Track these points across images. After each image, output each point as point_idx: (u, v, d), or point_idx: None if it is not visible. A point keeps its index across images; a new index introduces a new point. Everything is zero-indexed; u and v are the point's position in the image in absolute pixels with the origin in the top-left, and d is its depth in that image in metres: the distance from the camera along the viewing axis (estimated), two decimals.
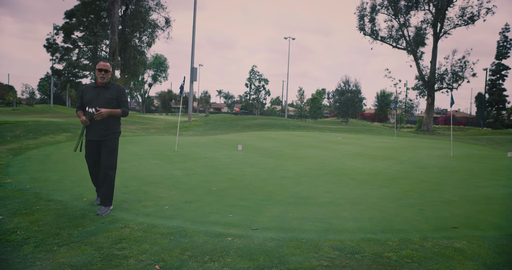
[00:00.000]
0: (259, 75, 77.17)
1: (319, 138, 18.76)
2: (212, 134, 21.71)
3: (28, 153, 9.46)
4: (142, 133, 18.49)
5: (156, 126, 30.47)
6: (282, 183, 6.78)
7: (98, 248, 3.39)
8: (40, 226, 3.95)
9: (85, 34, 27.41)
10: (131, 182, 6.39)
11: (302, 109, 73.48)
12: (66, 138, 13.07)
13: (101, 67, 4.58)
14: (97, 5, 27.80)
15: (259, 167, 8.55)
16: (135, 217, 4.37)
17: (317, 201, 5.49)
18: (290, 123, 30.95)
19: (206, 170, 7.94)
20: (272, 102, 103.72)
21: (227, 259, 3.23)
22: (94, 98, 4.55)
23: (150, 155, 9.98)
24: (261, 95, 77.54)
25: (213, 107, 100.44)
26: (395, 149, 14.08)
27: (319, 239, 3.82)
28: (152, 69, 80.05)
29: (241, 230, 4.02)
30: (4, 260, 3.10)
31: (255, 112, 77.73)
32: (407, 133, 31.17)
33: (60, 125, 16.21)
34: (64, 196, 5.26)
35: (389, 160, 10.48)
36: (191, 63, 31.53)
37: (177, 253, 3.34)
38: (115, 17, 25.80)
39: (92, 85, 4.69)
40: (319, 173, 7.94)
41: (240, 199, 5.44)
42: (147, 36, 29.20)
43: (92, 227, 3.97)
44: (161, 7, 28.87)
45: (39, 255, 3.21)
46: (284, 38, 58.28)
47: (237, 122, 30.06)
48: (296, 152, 11.99)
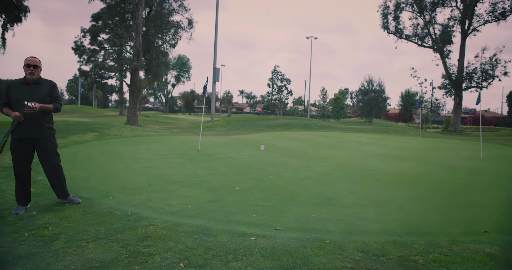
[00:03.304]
0: (281, 75, 76.98)
1: (342, 138, 18.55)
2: (234, 134, 21.82)
3: None
4: (166, 133, 18.79)
5: (179, 126, 30.90)
6: (305, 183, 6.74)
7: (124, 245, 3.46)
8: (70, 222, 4.08)
9: (111, 36, 28.07)
10: (155, 181, 6.51)
11: (325, 109, 72.82)
12: (93, 138, 13.44)
13: (29, 63, 4.24)
14: (122, 7, 28.41)
15: (281, 167, 8.53)
16: (160, 216, 4.44)
17: (341, 202, 5.43)
18: (313, 123, 30.75)
19: (229, 169, 7.99)
20: (295, 102, 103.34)
21: (251, 259, 3.24)
22: (26, 96, 4.17)
23: (174, 155, 10.13)
24: (283, 95, 77.34)
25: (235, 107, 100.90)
26: (420, 150, 13.75)
27: (343, 240, 3.77)
28: (175, 69, 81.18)
29: (264, 230, 4.02)
30: (38, 253, 3.22)
31: (277, 112, 77.60)
32: (433, 133, 30.39)
33: (87, 125, 16.68)
34: (92, 194, 5.40)
35: (414, 161, 10.24)
36: (214, 63, 31.79)
37: (201, 251, 3.37)
38: (139, 19, 26.29)
39: (20, 81, 4.32)
40: (343, 174, 7.85)
41: (263, 199, 5.45)
42: (170, 37, 29.63)
43: (118, 225, 4.06)
44: (184, 9, 29.21)
45: (69, 250, 3.31)
46: (306, 38, 57.99)
47: (259, 122, 30.10)
48: (319, 152, 11.89)
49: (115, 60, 28.28)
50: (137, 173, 7.23)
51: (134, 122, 26.44)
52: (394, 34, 36.98)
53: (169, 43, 29.76)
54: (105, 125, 17.92)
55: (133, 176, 6.90)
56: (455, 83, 33.68)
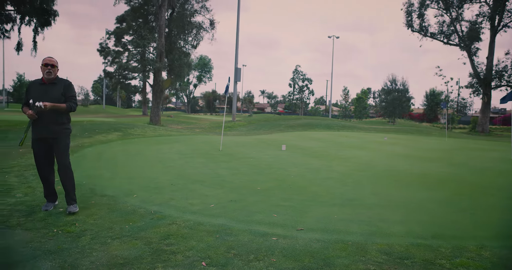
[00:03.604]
0: (303, 74, 76.57)
1: (364, 139, 18.28)
2: (255, 134, 21.86)
3: (83, 151, 10.05)
4: (188, 133, 19.01)
5: (201, 126, 31.20)
6: (327, 184, 6.68)
7: (147, 243, 3.52)
8: (95, 220, 4.18)
9: (134, 38, 28.63)
10: (178, 180, 6.59)
11: (347, 109, 71.99)
12: (117, 137, 13.74)
13: (47, 62, 4.28)
14: (145, 9, 28.94)
15: (303, 167, 8.48)
16: (182, 214, 4.49)
17: (363, 203, 5.35)
18: (335, 123, 30.45)
19: (250, 169, 8.01)
20: (316, 102, 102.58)
21: (272, 259, 3.24)
22: (41, 96, 4.22)
23: (196, 154, 10.23)
24: (305, 95, 76.90)
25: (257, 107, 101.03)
26: (445, 151, 13.39)
27: (365, 242, 3.71)
28: (197, 70, 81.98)
29: (286, 230, 4.00)
30: (66, 249, 3.33)
31: (299, 112, 77.22)
32: (460, 134, 29.54)
33: (112, 125, 17.07)
34: (116, 192, 5.52)
35: (439, 162, 9.98)
36: (235, 63, 31.94)
37: (223, 251, 3.39)
38: (162, 20, 26.71)
39: (38, 81, 4.40)
40: (365, 174, 7.74)
41: (285, 199, 5.43)
42: (192, 38, 29.96)
43: (142, 223, 4.13)
44: (206, 10, 29.48)
45: (95, 247, 3.40)
46: (328, 37, 57.49)
47: (280, 122, 30.05)
48: (341, 152, 11.76)
49: (139, 61, 28.83)
50: (160, 172, 7.34)
51: (157, 122, 26.87)
52: (419, 32, 36.12)
53: (191, 43, 30.12)
54: (129, 125, 18.30)
55: (156, 175, 7.01)
56: (483, 82, 32.57)
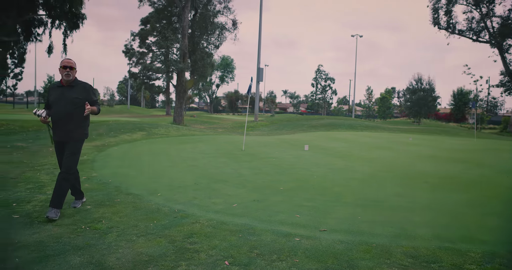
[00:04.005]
0: (325, 74, 75.88)
1: (388, 139, 17.94)
2: (278, 134, 21.82)
3: (109, 150, 10.30)
4: (211, 133, 19.18)
5: (224, 126, 31.41)
6: (350, 184, 6.60)
7: (171, 241, 3.58)
8: (121, 217, 4.28)
9: (158, 39, 29.12)
10: (201, 180, 6.66)
11: (370, 108, 70.83)
12: (142, 137, 14.01)
13: (65, 64, 4.25)
14: (169, 11, 29.38)
15: (326, 167, 8.40)
16: (205, 213, 4.54)
17: (387, 204, 5.25)
18: (358, 123, 30.03)
19: (273, 169, 8.00)
20: (339, 102, 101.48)
21: (295, 259, 3.22)
22: (59, 99, 4.26)
23: (219, 154, 10.31)
24: (327, 95, 76.21)
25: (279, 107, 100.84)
26: (474, 152, 12.97)
27: (390, 244, 3.65)
28: (220, 70, 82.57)
29: (309, 231, 3.98)
30: (93, 245, 3.42)
31: (321, 112, 76.59)
32: (489, 134, 28.53)
33: (136, 125, 17.42)
34: (141, 191, 5.63)
35: (467, 163, 9.68)
36: (258, 63, 31.99)
37: (246, 250, 3.40)
38: (185, 21, 27.05)
39: (57, 84, 4.40)
40: (389, 175, 7.59)
41: (307, 199, 5.40)
42: (215, 39, 30.19)
43: (166, 221, 4.20)
44: (229, 10, 29.64)
45: (121, 243, 3.48)
46: (351, 36, 56.74)
47: (303, 122, 29.88)
48: (365, 153, 11.58)
49: (162, 62, 29.30)
50: (183, 172, 7.44)
51: (180, 122, 27.23)
52: (446, 30, 35.07)
53: (214, 44, 30.34)
54: (153, 124, 18.62)
55: (180, 175, 7.11)
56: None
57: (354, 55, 65.32)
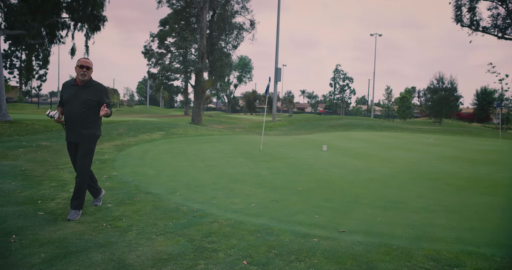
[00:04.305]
0: (344, 74, 75.19)
1: (408, 139, 17.63)
2: (296, 134, 21.73)
3: (129, 149, 10.47)
4: (229, 132, 19.26)
5: (242, 126, 31.50)
6: (369, 185, 6.51)
7: (190, 240, 3.61)
8: (141, 216, 4.34)
9: (176, 40, 29.49)
10: (219, 179, 6.69)
11: (390, 108, 69.78)
12: (161, 136, 14.19)
13: (82, 64, 4.20)
14: (187, 12, 29.68)
15: (344, 168, 8.32)
16: (224, 213, 4.56)
17: (408, 206, 5.15)
18: (377, 123, 29.62)
19: (291, 169, 7.97)
20: (357, 102, 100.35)
21: (314, 260, 3.20)
22: (72, 98, 4.22)
23: (237, 154, 10.34)
24: (346, 95, 75.48)
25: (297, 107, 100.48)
26: (500, 153, 12.60)
27: (411, 246, 3.58)
28: (237, 70, 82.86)
29: (328, 232, 3.94)
30: (114, 242, 3.49)
31: (340, 112, 75.90)
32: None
33: (156, 124, 17.66)
34: (160, 190, 5.70)
35: (493, 165, 9.40)
36: (275, 63, 31.94)
37: (264, 250, 3.40)
38: (203, 22, 27.26)
39: (71, 82, 4.34)
40: (410, 177, 7.45)
41: (326, 200, 5.35)
42: (233, 39, 30.32)
43: (185, 220, 4.24)
44: (246, 10, 29.73)
45: (140, 242, 3.53)
46: (370, 35, 56.02)
47: (321, 122, 29.68)
48: (384, 153, 11.41)
49: (181, 62, 29.63)
50: (202, 171, 7.49)
51: (199, 122, 27.46)
52: (469, 27, 34.08)
53: (232, 44, 30.48)
54: (172, 124, 18.84)
55: (198, 174, 7.16)
56: None
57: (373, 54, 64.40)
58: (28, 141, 10.86)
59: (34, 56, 22.81)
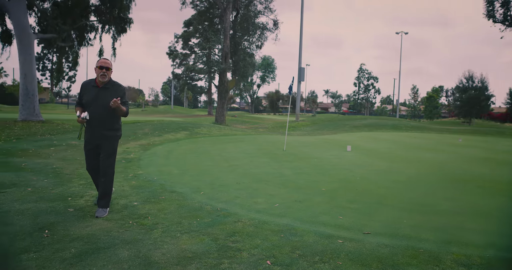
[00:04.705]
0: (368, 73, 74.00)
1: (436, 140, 17.15)
2: (319, 134, 21.56)
3: (154, 149, 10.67)
4: (252, 132, 19.30)
5: (265, 126, 31.52)
6: (395, 187, 6.37)
7: (214, 239, 3.64)
8: (166, 214, 4.41)
9: (200, 40, 29.81)
10: (243, 179, 6.72)
11: (416, 108, 68.16)
12: (185, 136, 14.38)
13: (102, 65, 4.20)
14: (210, 13, 29.96)
15: (369, 169, 8.18)
16: (247, 213, 4.57)
17: (436, 209, 5.01)
18: (402, 123, 28.98)
19: (314, 170, 7.91)
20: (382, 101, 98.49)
21: (338, 262, 3.16)
22: (94, 100, 4.23)
23: (260, 154, 10.35)
24: (370, 94, 74.28)
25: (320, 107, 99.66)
26: None
27: (439, 250, 3.48)
28: (260, 70, 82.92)
29: (352, 233, 3.89)
30: (140, 240, 3.56)
31: (364, 112, 74.76)
32: None
33: (180, 124, 17.91)
34: (184, 189, 5.78)
35: None
36: (299, 63, 31.79)
37: (288, 250, 3.39)
38: (227, 22, 27.45)
39: (91, 83, 4.33)
40: (437, 178, 7.25)
41: (350, 201, 5.28)
42: (256, 39, 30.38)
43: (209, 219, 4.28)
44: (270, 10, 29.71)
45: (165, 239, 3.59)
46: (395, 33, 54.86)
47: (345, 122, 29.31)
48: (410, 154, 11.15)
49: (205, 63, 29.92)
50: (225, 171, 7.54)
51: (222, 122, 27.67)
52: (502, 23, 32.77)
53: (255, 44, 30.55)
54: (195, 124, 19.06)
55: (222, 174, 7.22)
56: None
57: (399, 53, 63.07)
58: (59, 140, 11.24)
59: (64, 58, 23.63)
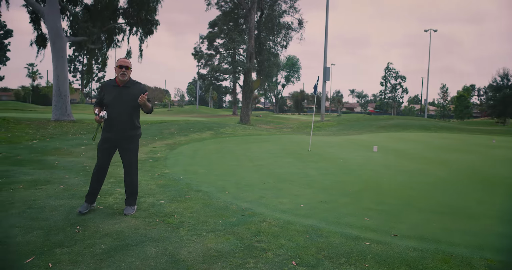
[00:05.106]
0: (395, 72, 72.43)
1: (467, 141, 16.58)
2: (345, 134, 21.28)
3: (180, 148, 10.83)
4: (277, 133, 19.28)
5: (289, 126, 31.42)
6: (423, 188, 6.21)
7: (239, 238, 3.65)
8: (192, 213, 4.47)
9: (225, 41, 30.05)
10: (267, 179, 6.72)
11: (445, 108, 66.15)
12: (210, 136, 14.52)
13: (121, 64, 4.22)
14: (235, 13, 30.15)
15: (396, 170, 8.01)
16: (272, 213, 4.56)
17: (467, 211, 4.85)
18: (431, 123, 28.20)
19: (340, 170, 7.82)
20: (410, 101, 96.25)
21: (364, 264, 3.11)
22: (116, 100, 4.25)
23: (285, 154, 10.32)
24: (398, 94, 72.66)
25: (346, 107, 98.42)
26: None
27: (471, 256, 3.36)
28: (285, 70, 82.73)
29: (379, 235, 3.82)
30: (167, 238, 3.62)
31: (391, 112, 73.24)
32: None
33: (205, 124, 18.11)
34: (210, 188, 5.84)
35: None
36: (324, 62, 31.49)
37: (313, 251, 3.36)
38: (251, 23, 27.54)
39: (112, 83, 4.34)
40: (469, 180, 7.00)
41: (377, 202, 5.18)
42: (281, 39, 30.33)
43: (234, 219, 4.30)
44: (294, 10, 29.59)
45: (192, 238, 3.64)
46: (424, 31, 53.42)
47: (371, 122, 28.81)
48: (439, 155, 10.82)
49: (229, 63, 30.14)
50: (250, 171, 7.57)
51: (247, 122, 27.77)
52: None
53: (280, 44, 30.49)
54: (220, 124, 19.22)
55: (247, 173, 7.24)
56: None
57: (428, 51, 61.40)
58: (89, 139, 11.59)
59: (94, 60, 24.37)
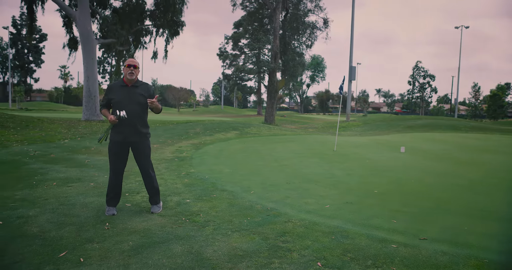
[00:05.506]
0: (424, 71, 70.54)
1: (501, 142, 15.93)
2: (371, 134, 20.91)
3: (205, 148, 10.95)
4: (301, 132, 19.17)
5: (314, 126, 31.18)
6: (453, 190, 6.01)
7: (264, 238, 3.66)
8: (217, 212, 4.51)
9: (250, 41, 30.16)
10: (293, 179, 6.69)
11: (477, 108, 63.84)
12: (235, 136, 14.61)
13: (130, 63, 4.25)
14: (260, 13, 30.20)
15: (424, 171, 7.80)
16: (297, 213, 4.54)
17: (501, 215, 4.66)
18: (462, 123, 27.26)
19: (366, 171, 7.69)
20: (439, 101, 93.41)
21: (392, 267, 3.05)
22: (126, 99, 4.24)
23: (310, 154, 10.25)
24: (426, 93, 70.74)
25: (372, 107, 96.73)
26: None
27: (507, 262, 3.23)
28: (310, 69, 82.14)
29: (407, 238, 3.73)
30: (192, 236, 3.68)
31: (419, 112, 71.40)
32: None
33: (230, 124, 18.23)
34: (235, 188, 5.87)
35: None
36: (350, 62, 31.05)
37: (339, 253, 3.32)
38: (276, 22, 27.51)
39: (120, 83, 4.34)
40: (503, 183, 6.73)
41: (404, 204, 5.06)
42: (306, 38, 30.13)
43: (259, 218, 4.31)
44: (320, 9, 29.33)
45: (217, 237, 3.67)
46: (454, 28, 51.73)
47: (398, 122, 28.16)
48: (470, 156, 10.45)
49: (254, 63, 30.22)
50: (275, 171, 7.56)
51: (271, 122, 27.77)
52: None
53: (305, 43, 30.31)
54: (245, 124, 19.30)
55: (272, 173, 7.24)
56: None
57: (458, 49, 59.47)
58: None
59: (122, 61, 25.02)
